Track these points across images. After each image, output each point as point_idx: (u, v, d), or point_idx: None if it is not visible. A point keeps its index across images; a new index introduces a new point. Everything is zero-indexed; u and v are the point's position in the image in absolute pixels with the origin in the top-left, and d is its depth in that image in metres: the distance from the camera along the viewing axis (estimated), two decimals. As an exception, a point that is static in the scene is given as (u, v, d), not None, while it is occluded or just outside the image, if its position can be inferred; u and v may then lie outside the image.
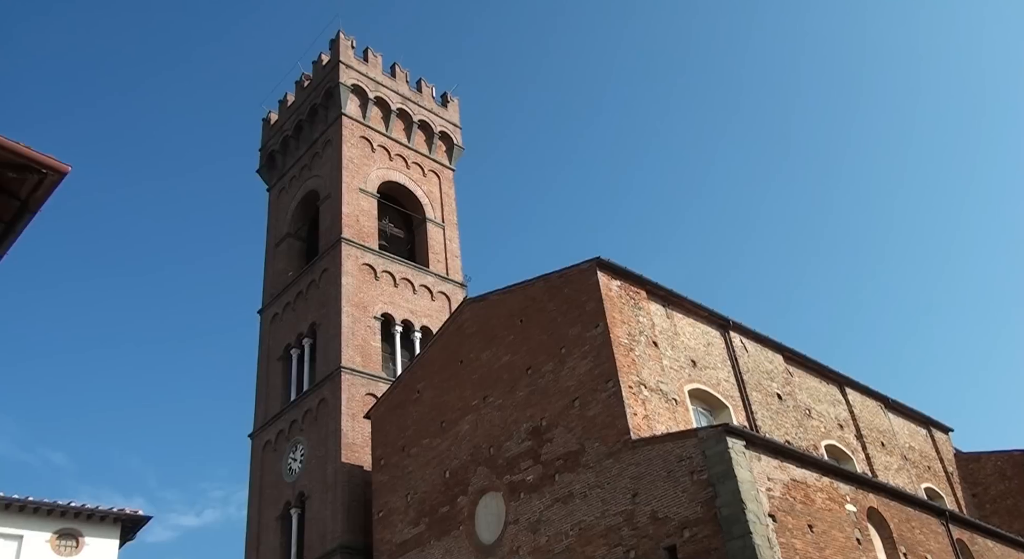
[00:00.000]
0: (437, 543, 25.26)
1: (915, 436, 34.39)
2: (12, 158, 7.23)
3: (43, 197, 7.62)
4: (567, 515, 21.82)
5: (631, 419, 21.37)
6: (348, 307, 33.23)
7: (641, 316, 24.23)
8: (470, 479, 25.17)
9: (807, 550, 18.86)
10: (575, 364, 23.31)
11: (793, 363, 29.50)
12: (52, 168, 7.39)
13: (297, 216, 39.55)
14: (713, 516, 18.52)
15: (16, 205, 7.67)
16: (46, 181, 7.48)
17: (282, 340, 36.23)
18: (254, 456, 34.76)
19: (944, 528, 24.43)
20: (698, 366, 24.99)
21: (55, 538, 20.36)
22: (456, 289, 37.53)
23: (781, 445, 21.20)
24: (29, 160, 7.29)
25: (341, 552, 28.45)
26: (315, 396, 32.61)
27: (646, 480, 20.27)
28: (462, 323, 28.05)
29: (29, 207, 7.68)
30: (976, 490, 34.88)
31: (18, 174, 7.35)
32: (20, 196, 7.59)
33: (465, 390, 26.64)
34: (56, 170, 7.41)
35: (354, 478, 29.99)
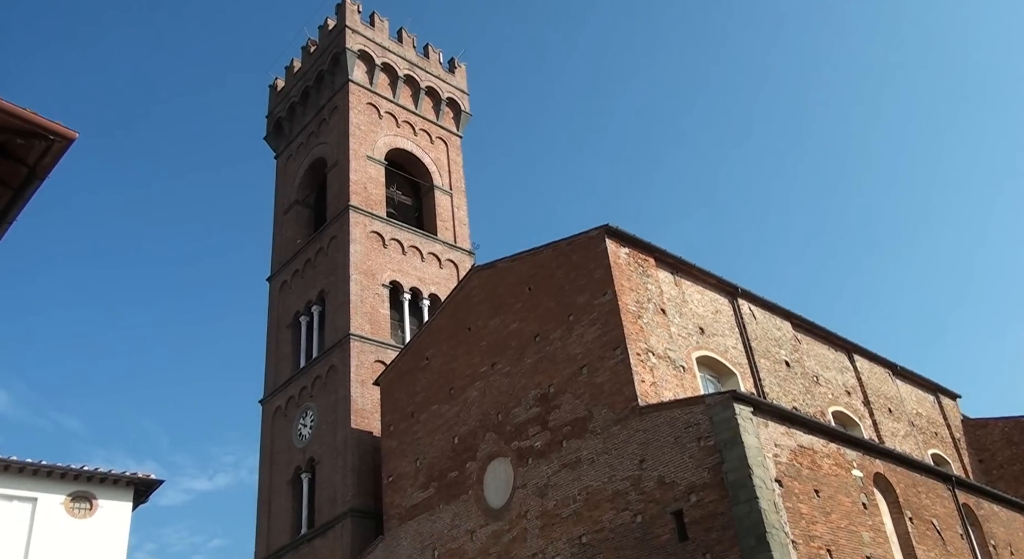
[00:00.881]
0: (446, 507, 25.56)
1: (923, 403, 34.46)
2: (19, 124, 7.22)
3: (51, 164, 7.61)
4: (574, 480, 22.02)
5: (639, 386, 21.46)
6: (356, 275, 33.31)
7: (649, 283, 24.21)
8: (478, 445, 25.38)
9: (813, 514, 19.01)
10: (583, 331, 23.36)
11: (801, 330, 29.51)
12: (59, 134, 7.37)
13: (305, 183, 39.49)
14: (720, 481, 18.66)
15: (24, 171, 7.67)
16: (53, 147, 7.46)
17: (291, 307, 36.39)
18: (264, 422, 35.11)
19: (950, 493, 24.57)
20: (706, 333, 25.01)
21: (69, 500, 20.66)
22: (464, 257, 37.54)
23: (788, 411, 21.27)
24: (36, 126, 7.27)
25: (351, 515, 28.84)
26: (324, 363, 32.83)
27: (653, 446, 20.41)
28: (470, 291, 28.09)
29: (37, 174, 7.68)
30: (983, 456, 35.04)
31: (25, 140, 7.34)
32: (28, 163, 7.59)
33: (473, 357, 26.76)
34: (63, 136, 7.39)
35: (364, 444, 30.29)
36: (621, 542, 20.31)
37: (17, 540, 19.76)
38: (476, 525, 24.33)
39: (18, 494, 20.10)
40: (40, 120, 7.29)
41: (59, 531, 20.18)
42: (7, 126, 7.19)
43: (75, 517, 20.59)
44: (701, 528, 18.75)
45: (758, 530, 17.54)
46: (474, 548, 24.07)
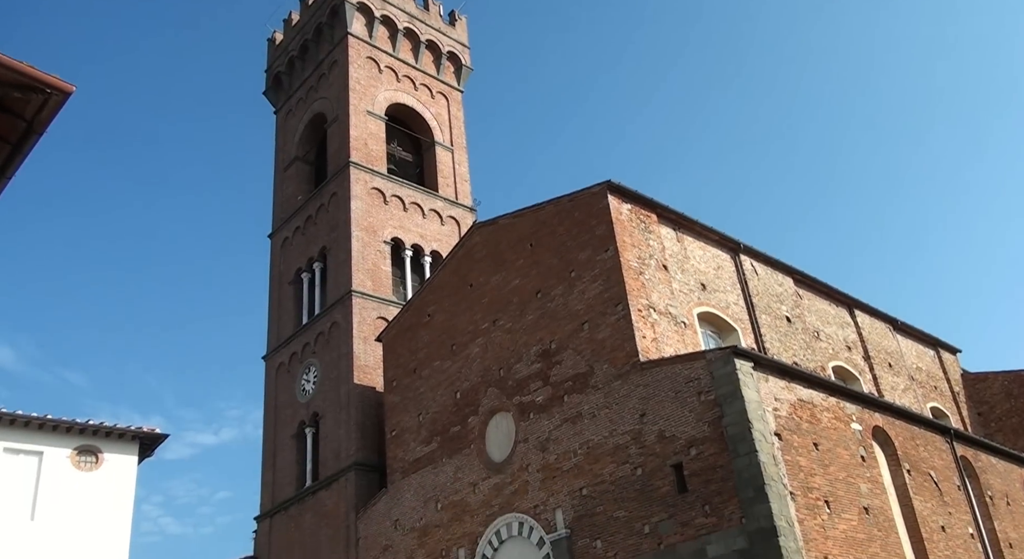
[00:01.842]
0: (449, 461, 25.88)
1: (923, 357, 34.67)
2: (16, 78, 7.15)
3: (48, 118, 7.56)
4: (576, 434, 22.25)
5: (640, 342, 21.56)
6: (358, 231, 33.27)
7: (651, 239, 24.18)
8: (480, 400, 25.60)
9: (811, 466, 19.25)
10: (585, 287, 23.40)
11: (803, 286, 29.56)
12: (56, 88, 7.31)
13: (305, 139, 39.21)
14: (720, 435, 18.86)
15: (22, 126, 7.62)
16: (51, 101, 7.40)
17: (293, 264, 36.42)
18: (268, 377, 35.39)
19: (948, 445, 24.85)
20: (707, 289, 25.05)
21: (75, 454, 20.96)
22: (466, 213, 37.44)
23: (788, 366, 21.41)
24: (33, 80, 7.21)
25: (355, 469, 29.22)
26: (327, 319, 32.96)
27: (654, 401, 20.58)
28: (472, 247, 28.07)
29: (35, 128, 7.63)
30: (982, 409, 35.38)
31: (22, 94, 7.28)
32: (25, 117, 7.54)
33: (475, 313, 26.85)
34: (60, 90, 7.33)
35: (367, 399, 30.56)
36: (621, 494, 20.61)
37: (25, 492, 20.09)
38: (478, 478, 24.66)
39: (24, 448, 20.38)
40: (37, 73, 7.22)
41: (66, 484, 20.51)
42: (3, 80, 7.12)
43: (81, 470, 20.90)
44: (700, 480, 19.00)
45: (756, 482, 17.78)
46: (476, 500, 24.43)
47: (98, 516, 20.53)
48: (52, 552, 19.64)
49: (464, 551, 24.21)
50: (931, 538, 21.64)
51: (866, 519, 19.77)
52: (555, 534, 21.74)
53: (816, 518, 18.44)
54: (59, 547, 19.77)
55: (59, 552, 19.72)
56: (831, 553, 18.19)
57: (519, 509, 23.10)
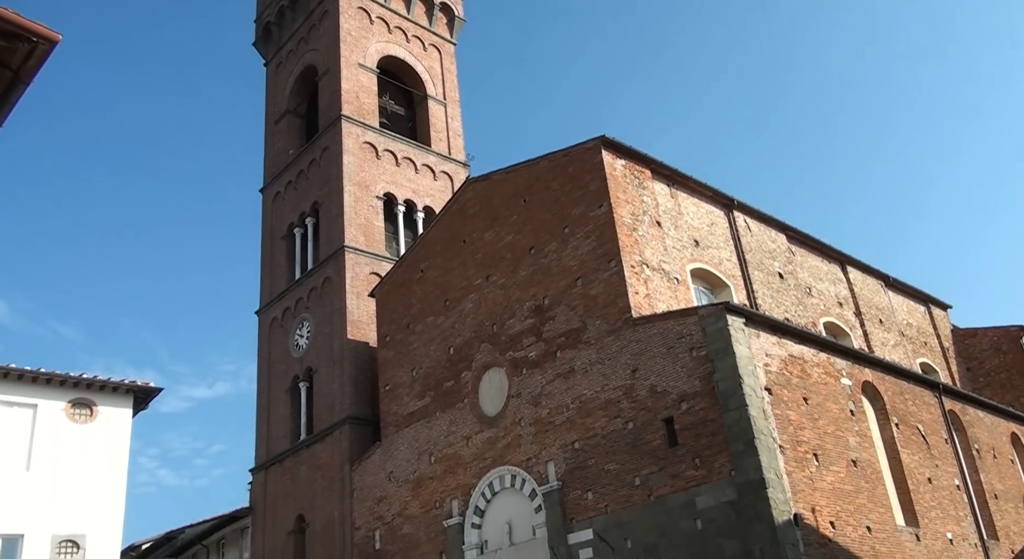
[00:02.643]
0: (442, 415, 26.10)
1: (913, 313, 34.90)
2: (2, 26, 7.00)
3: (35, 67, 7.42)
4: (568, 389, 22.43)
5: (632, 298, 21.63)
6: (350, 186, 33.06)
7: (645, 195, 24.10)
8: (474, 355, 25.73)
9: (801, 420, 19.48)
10: (578, 243, 23.38)
11: (796, 242, 29.59)
12: (42, 36, 7.16)
13: (296, 92, 38.71)
14: (711, 390, 19.03)
15: (8, 76, 7.48)
16: (37, 50, 7.26)
17: (285, 219, 36.25)
18: (261, 332, 35.45)
19: (937, 400, 25.17)
20: (701, 245, 25.06)
21: (69, 407, 21.05)
22: (459, 168, 37.20)
23: (780, 322, 21.53)
24: (19, 28, 7.06)
25: (349, 422, 29.47)
26: (319, 275, 32.93)
27: (646, 356, 20.72)
28: (465, 203, 27.95)
29: (21, 77, 7.49)
30: (971, 364, 35.76)
31: (8, 43, 7.13)
32: (11, 66, 7.40)
33: (468, 269, 26.85)
34: (46, 38, 7.18)
35: (360, 354, 30.69)
36: (612, 447, 20.85)
37: (20, 444, 20.22)
38: (471, 431, 24.90)
39: (19, 400, 20.47)
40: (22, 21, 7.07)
41: (60, 436, 20.63)
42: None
43: (76, 423, 21.01)
44: (691, 434, 19.23)
45: (746, 436, 18.01)
46: (469, 453, 24.70)
47: (94, 467, 20.71)
48: (49, 502, 19.84)
49: (457, 502, 24.55)
50: (917, 489, 22.03)
51: (854, 471, 20.09)
52: (547, 486, 22.03)
53: (804, 470, 18.72)
54: (55, 497, 19.97)
55: (56, 502, 19.92)
56: (818, 504, 18.51)
57: (512, 462, 23.38)
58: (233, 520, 34.66)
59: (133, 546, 40.35)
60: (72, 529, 19.96)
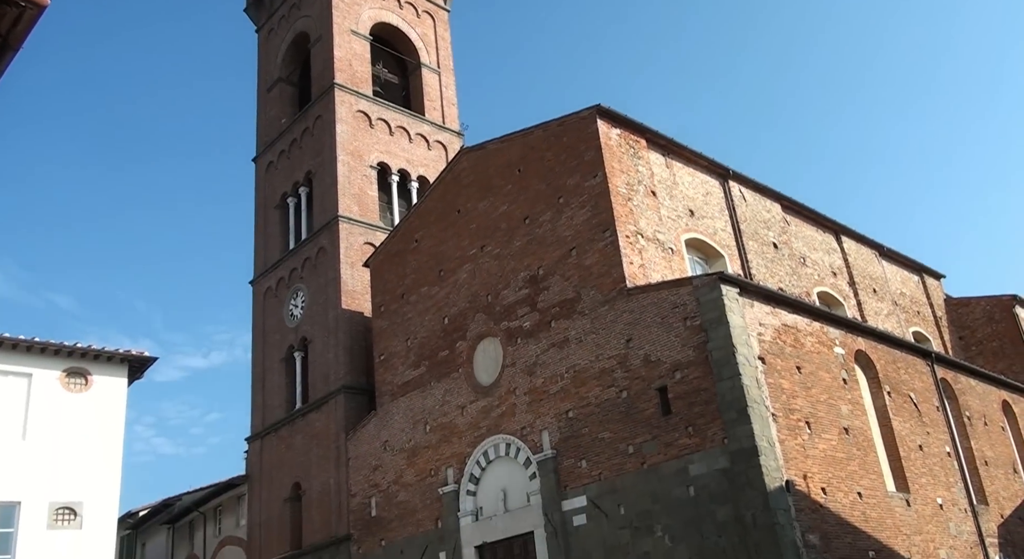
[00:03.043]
0: (437, 384, 26.21)
1: (907, 282, 35.04)
2: (-13, -10, 6.90)
3: (23, 32, 7.32)
4: (562, 359, 22.52)
5: (627, 268, 21.64)
6: (343, 155, 32.87)
7: (640, 165, 24.03)
8: (468, 325, 25.78)
9: (794, 389, 19.62)
10: (573, 214, 23.33)
11: (791, 212, 29.59)
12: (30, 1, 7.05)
13: (288, 60, 38.32)
14: (704, 359, 19.13)
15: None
16: (25, 15, 7.16)
17: (278, 189, 36.07)
18: (256, 302, 35.44)
19: (929, 368, 25.37)
20: (696, 216, 25.04)
21: (64, 376, 21.08)
22: (453, 138, 36.97)
23: (774, 292, 21.59)
24: (5, -8, 6.96)
25: (344, 391, 29.59)
26: (313, 245, 32.86)
27: (640, 326, 20.79)
28: (459, 173, 27.83)
29: (10, 43, 7.40)
30: (963, 333, 35.98)
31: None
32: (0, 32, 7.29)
33: (463, 239, 26.81)
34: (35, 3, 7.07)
35: (355, 324, 30.73)
36: (606, 416, 21.00)
37: (15, 413, 20.27)
38: (466, 401, 25.03)
39: (13, 370, 20.48)
40: (9, -15, 6.96)
41: (56, 405, 20.69)
42: (-26, -7, 6.87)
43: (71, 392, 21.04)
44: (684, 403, 19.36)
45: (739, 404, 18.14)
46: (464, 422, 24.86)
47: (89, 436, 20.78)
48: (45, 470, 19.94)
49: (453, 470, 24.74)
50: (908, 456, 22.27)
51: (845, 439, 20.28)
52: (541, 454, 22.21)
53: (797, 438, 18.89)
54: (52, 465, 20.06)
55: (52, 470, 20.02)
56: (810, 471, 18.70)
57: (506, 431, 23.54)
58: (230, 488, 34.92)
59: (130, 513, 40.70)
60: (69, 496, 20.08)
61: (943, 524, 22.29)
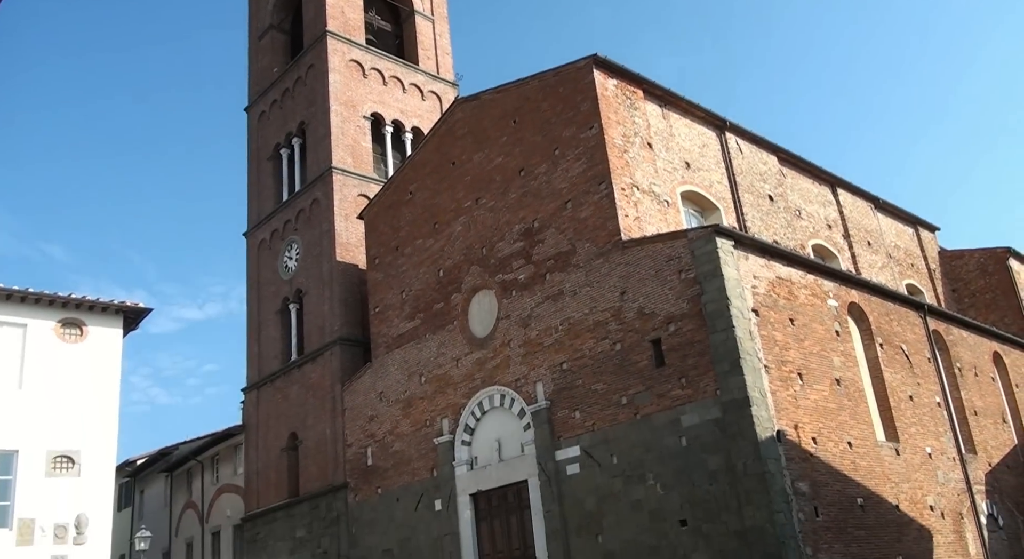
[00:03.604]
0: (432, 336, 26.31)
1: (902, 235, 35.04)
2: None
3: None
4: (557, 311, 22.58)
5: (622, 220, 21.58)
6: (336, 106, 32.47)
7: (636, 117, 23.80)
8: (463, 278, 25.78)
9: (786, 341, 19.74)
10: (568, 166, 23.17)
11: (787, 164, 29.43)
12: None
13: (279, 6, 37.58)
14: (698, 312, 19.19)
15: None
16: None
17: (271, 139, 35.71)
18: (250, 254, 35.36)
19: (921, 320, 25.51)
20: (692, 168, 24.89)
21: (59, 326, 21.08)
22: (447, 88, 36.53)
23: (768, 244, 21.58)
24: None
25: (340, 343, 29.70)
26: (307, 196, 32.66)
27: (634, 279, 20.81)
28: (454, 124, 27.55)
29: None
30: (956, 285, 36.10)
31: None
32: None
33: (457, 192, 26.66)
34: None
35: (349, 276, 30.71)
36: (600, 368, 21.14)
37: (11, 363, 20.32)
38: (461, 353, 25.16)
39: (8, 320, 20.49)
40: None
41: (52, 355, 20.74)
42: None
43: (66, 342, 21.08)
44: (678, 355, 19.48)
45: (732, 356, 18.27)
46: (459, 374, 25.02)
47: (86, 386, 20.87)
48: (42, 419, 20.07)
49: (448, 421, 24.98)
50: (898, 406, 22.53)
51: (837, 390, 20.48)
52: (535, 405, 22.41)
53: (788, 389, 19.07)
54: (49, 414, 20.19)
55: (49, 419, 20.15)
56: (801, 421, 18.92)
57: (501, 382, 23.71)
58: (227, 437, 35.28)
59: (128, 461, 41.18)
60: (66, 445, 20.25)
61: (931, 472, 22.64)
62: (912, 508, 21.12)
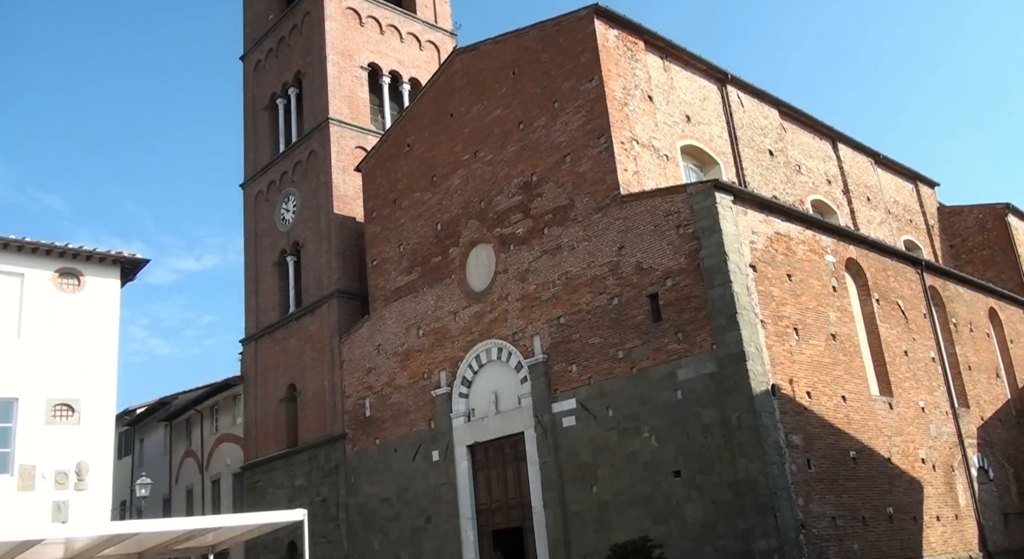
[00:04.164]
0: (430, 290, 26.34)
1: (901, 191, 34.91)
2: None
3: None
4: (555, 266, 22.58)
5: (621, 175, 21.46)
6: (333, 55, 32.02)
7: (637, 68, 23.50)
8: (461, 232, 25.72)
9: (783, 296, 19.79)
10: (568, 119, 22.96)
11: (788, 119, 29.18)
12: None
13: (274, -47, 36.83)
14: (696, 267, 19.20)
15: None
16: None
17: (267, 89, 35.29)
18: (247, 205, 35.20)
19: (918, 276, 25.56)
20: (692, 121, 24.67)
21: (56, 276, 21.01)
22: (445, 38, 35.99)
23: (767, 200, 21.51)
24: None
25: (338, 296, 29.75)
26: (304, 148, 32.40)
27: (633, 234, 20.77)
28: (452, 75, 27.21)
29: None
30: (954, 241, 36.09)
31: None
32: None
33: (456, 144, 26.44)
34: None
35: (347, 229, 30.63)
36: (597, 322, 21.22)
37: (9, 312, 20.32)
38: (459, 306, 25.21)
39: (5, 269, 20.41)
40: None
41: (49, 305, 20.71)
42: None
43: (64, 292, 21.03)
44: (675, 310, 19.54)
45: (729, 311, 18.33)
46: (457, 327, 25.10)
47: (84, 335, 20.87)
48: (41, 368, 20.13)
49: (445, 374, 25.15)
50: (893, 361, 22.69)
51: (832, 345, 20.60)
52: (532, 359, 22.54)
53: (784, 344, 19.17)
54: (48, 363, 20.24)
55: (48, 368, 20.22)
56: (796, 376, 19.06)
57: (498, 336, 23.81)
58: (225, 388, 35.54)
59: (128, 411, 41.55)
60: (66, 394, 20.34)
61: (924, 426, 22.91)
62: (904, 461, 21.42)
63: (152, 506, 36.64)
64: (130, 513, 37.81)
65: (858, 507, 19.23)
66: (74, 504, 19.77)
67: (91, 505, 19.94)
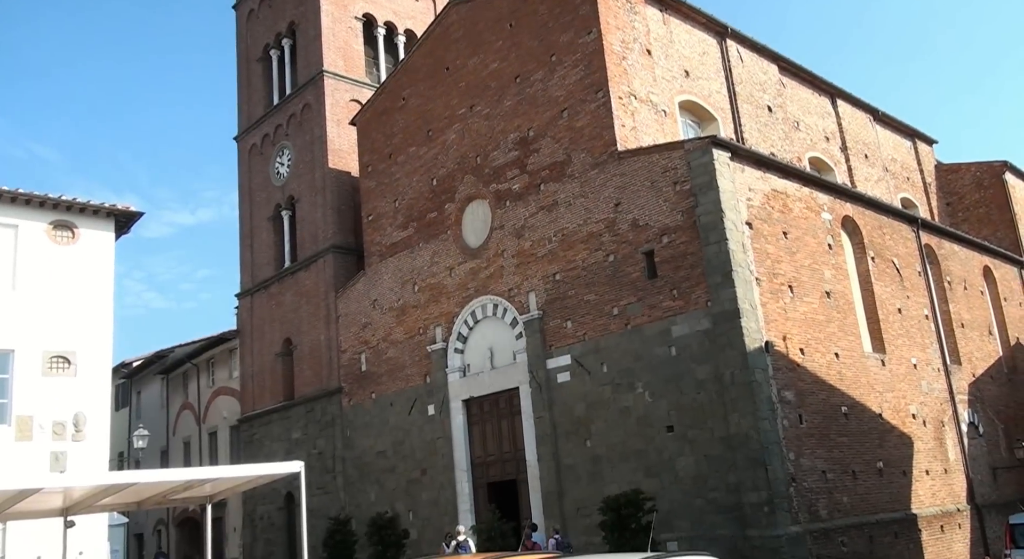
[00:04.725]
0: (425, 245, 26.30)
1: (899, 148, 34.74)
2: None
3: None
4: (551, 222, 22.53)
5: (618, 130, 21.30)
6: (327, 5, 31.50)
7: (636, 22, 23.18)
8: (457, 187, 25.59)
9: (779, 254, 19.81)
10: (565, 73, 22.70)
11: (787, 74, 28.89)
12: None
13: (265, -101, 35.98)
14: (692, 224, 19.17)
15: None
16: None
17: (260, 39, 34.77)
18: (241, 159, 34.93)
19: (914, 234, 25.59)
20: (691, 76, 24.41)
21: (51, 228, 20.94)
22: (442, -12, 35.37)
23: (765, 157, 21.39)
24: None
25: (333, 251, 29.70)
26: (298, 100, 32.04)
27: (629, 190, 20.69)
28: (448, 26, 26.81)
29: None
30: (951, 199, 36.02)
31: None
32: None
33: (452, 98, 26.17)
34: None
35: (342, 183, 30.45)
36: (593, 279, 21.25)
37: (4, 264, 20.27)
38: (455, 262, 25.20)
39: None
40: None
41: (44, 257, 20.66)
42: None
43: (58, 244, 20.97)
44: (670, 267, 19.56)
45: (724, 268, 18.35)
46: (452, 283, 25.13)
47: (79, 288, 20.85)
48: (37, 319, 20.16)
49: (441, 329, 25.24)
50: (887, 319, 22.82)
51: (827, 302, 20.68)
52: (528, 315, 22.61)
53: (779, 301, 19.24)
54: (44, 315, 20.26)
55: (44, 320, 20.24)
56: (790, 333, 19.17)
57: (494, 292, 23.85)
58: (221, 341, 35.64)
59: (124, 363, 41.70)
60: (62, 346, 20.39)
61: (915, 382, 23.13)
62: (895, 416, 21.67)
63: (150, 457, 37.00)
64: (128, 464, 38.20)
65: (848, 461, 19.50)
66: (72, 454, 19.96)
67: (89, 455, 20.14)
